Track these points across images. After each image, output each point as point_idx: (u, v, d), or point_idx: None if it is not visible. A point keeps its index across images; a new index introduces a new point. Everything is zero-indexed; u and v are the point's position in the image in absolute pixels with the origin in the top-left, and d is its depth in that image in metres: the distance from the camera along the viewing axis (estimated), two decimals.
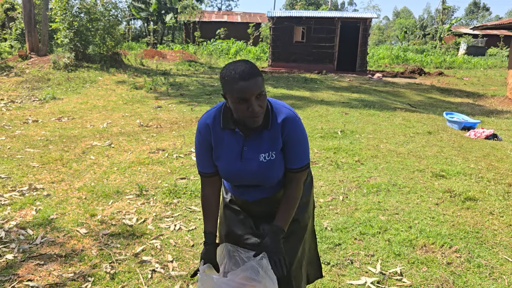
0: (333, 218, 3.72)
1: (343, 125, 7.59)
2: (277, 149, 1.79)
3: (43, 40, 15.60)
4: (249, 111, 1.65)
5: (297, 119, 1.80)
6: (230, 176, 1.86)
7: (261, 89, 1.66)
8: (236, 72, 1.64)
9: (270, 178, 1.82)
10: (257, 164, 1.78)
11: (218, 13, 32.87)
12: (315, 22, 19.69)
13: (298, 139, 1.79)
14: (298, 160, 1.80)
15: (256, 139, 1.79)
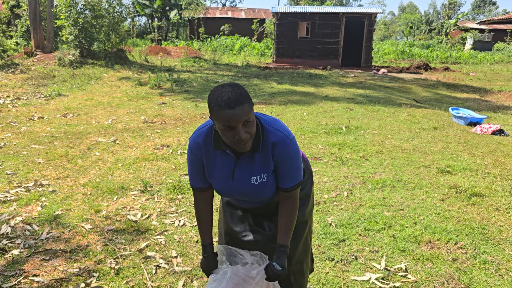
0: (338, 214, 3.70)
1: (348, 120, 7.56)
2: (268, 171, 1.77)
3: (48, 37, 15.64)
4: (235, 139, 1.62)
5: (288, 141, 1.75)
6: (224, 193, 1.88)
7: (247, 116, 1.61)
8: (222, 100, 1.59)
9: (262, 197, 1.84)
10: (249, 186, 1.79)
11: (222, 9, 32.81)
12: (320, 18, 19.62)
13: (289, 161, 1.77)
14: (291, 180, 1.79)
15: (247, 161, 1.77)
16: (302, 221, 1.98)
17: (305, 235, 2.01)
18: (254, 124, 1.66)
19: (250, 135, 1.65)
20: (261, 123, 1.76)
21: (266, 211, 1.94)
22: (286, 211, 1.82)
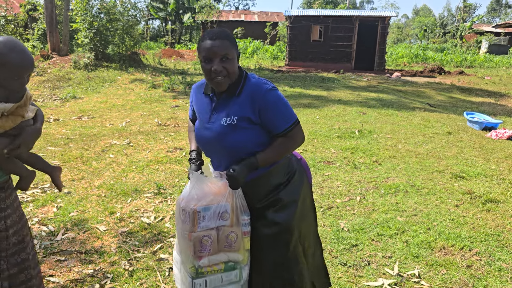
0: (350, 219, 3.69)
1: (361, 125, 7.53)
2: (240, 115, 1.81)
3: (64, 40, 15.88)
4: (212, 71, 1.75)
5: (267, 86, 1.82)
6: (199, 141, 1.97)
7: (226, 51, 1.74)
8: (207, 33, 1.78)
9: (230, 145, 1.83)
10: (218, 127, 1.84)
11: (235, 13, 32.93)
12: (333, 21, 19.57)
13: (273, 106, 1.81)
14: (281, 123, 1.82)
15: (224, 104, 1.86)
16: (285, 227, 1.90)
17: (290, 245, 1.91)
18: (232, 63, 1.78)
19: (227, 72, 1.77)
20: (246, 73, 1.88)
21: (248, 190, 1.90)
22: (279, 142, 1.86)
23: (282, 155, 1.89)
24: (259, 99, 1.79)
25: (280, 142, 1.85)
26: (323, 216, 3.76)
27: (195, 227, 1.83)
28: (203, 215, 1.83)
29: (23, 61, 1.58)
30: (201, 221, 1.83)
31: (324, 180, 4.73)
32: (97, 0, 14.62)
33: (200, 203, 1.83)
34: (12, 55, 1.54)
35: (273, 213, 1.90)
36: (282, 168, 1.95)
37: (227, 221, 1.86)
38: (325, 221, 3.66)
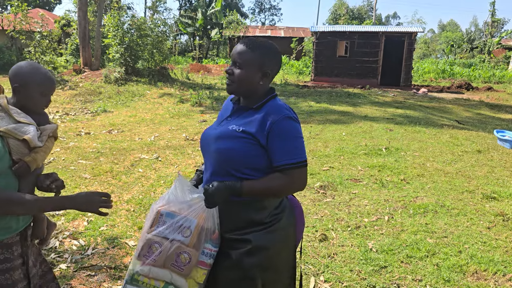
0: (378, 239, 3.66)
1: (388, 142, 7.46)
2: (248, 128, 1.71)
3: (96, 55, 16.38)
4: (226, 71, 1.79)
5: (286, 113, 1.72)
6: (202, 138, 1.90)
7: (240, 58, 1.74)
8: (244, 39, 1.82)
9: (222, 149, 1.73)
10: (222, 129, 1.78)
11: (262, 28, 33.30)
12: (359, 37, 19.56)
13: (285, 133, 1.69)
14: (283, 156, 1.68)
15: (240, 114, 1.81)
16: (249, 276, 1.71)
17: None
18: (243, 73, 1.74)
19: (234, 78, 1.76)
20: (275, 94, 1.83)
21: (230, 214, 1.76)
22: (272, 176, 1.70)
23: (272, 193, 1.72)
24: (272, 122, 1.69)
25: (276, 177, 1.69)
26: (351, 236, 3.74)
27: (151, 228, 1.72)
28: (164, 220, 1.71)
29: (47, 79, 1.74)
30: (160, 225, 1.71)
31: (351, 199, 4.70)
32: (128, 17, 15.06)
33: (167, 207, 1.72)
34: (37, 73, 1.71)
35: (237, 254, 1.72)
36: (270, 206, 1.76)
37: (187, 239, 1.69)
38: (352, 240, 3.63)
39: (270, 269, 1.76)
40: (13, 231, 1.63)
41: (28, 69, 1.70)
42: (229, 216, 1.74)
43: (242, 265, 1.70)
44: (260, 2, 59.55)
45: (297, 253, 1.95)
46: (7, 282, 1.58)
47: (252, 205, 1.73)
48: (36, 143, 1.67)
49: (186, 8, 42.63)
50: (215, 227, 1.71)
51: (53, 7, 47.95)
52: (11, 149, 1.60)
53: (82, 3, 15.29)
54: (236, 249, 1.72)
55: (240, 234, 1.73)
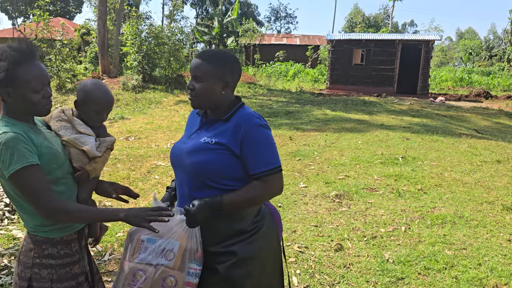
0: (395, 250, 3.62)
1: (404, 151, 7.39)
2: (220, 139, 1.71)
3: (114, 62, 16.65)
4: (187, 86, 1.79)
5: (257, 121, 1.72)
6: (172, 153, 1.86)
7: (198, 73, 1.73)
8: (201, 51, 1.81)
9: (197, 162, 1.71)
10: (194, 143, 1.76)
11: (277, 36, 33.44)
12: (375, 45, 19.49)
13: (257, 141, 1.70)
14: (258, 164, 1.69)
15: (209, 125, 1.80)
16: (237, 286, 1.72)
17: None
18: (204, 87, 1.73)
19: (196, 92, 1.74)
20: (242, 103, 1.82)
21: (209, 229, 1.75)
22: (250, 186, 1.71)
23: (253, 202, 1.74)
24: (244, 131, 1.69)
25: (254, 186, 1.70)
26: (367, 246, 3.71)
27: (133, 256, 1.70)
28: (146, 246, 1.69)
29: (103, 99, 1.85)
30: (142, 251, 1.69)
31: (367, 208, 4.67)
32: (146, 25, 15.28)
33: (148, 232, 1.69)
34: (97, 92, 1.84)
35: (224, 268, 1.72)
36: (250, 214, 1.78)
37: (171, 262, 1.67)
38: (368, 251, 3.61)
39: (260, 277, 1.79)
40: (73, 230, 1.74)
41: (88, 87, 1.83)
42: (210, 230, 1.74)
43: (230, 278, 1.71)
44: (276, 11, 59.87)
45: None
46: (67, 276, 1.70)
47: (232, 216, 1.74)
48: (94, 154, 1.79)
49: (203, 17, 43.13)
50: (198, 245, 1.70)
51: (73, 16, 48.98)
52: (71, 157, 1.75)
53: (102, 12, 15.58)
54: (222, 263, 1.72)
55: (224, 247, 1.73)
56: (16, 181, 1.51)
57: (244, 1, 51.37)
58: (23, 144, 1.51)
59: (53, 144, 1.68)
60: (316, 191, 5.27)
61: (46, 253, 1.67)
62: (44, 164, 1.58)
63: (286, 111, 12.48)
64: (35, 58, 1.60)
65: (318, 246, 3.72)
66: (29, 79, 1.55)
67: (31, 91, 1.56)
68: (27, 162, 1.49)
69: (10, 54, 1.53)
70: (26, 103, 1.58)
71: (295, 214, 4.48)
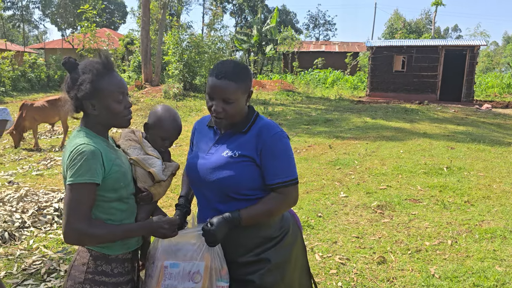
0: (441, 265, 3.51)
1: (449, 160, 7.16)
2: (243, 150, 1.70)
3: (157, 71, 17.14)
4: (212, 109, 1.69)
5: (277, 130, 1.72)
6: (189, 171, 1.82)
7: (228, 95, 1.65)
8: (217, 68, 1.69)
9: (223, 178, 1.69)
10: (217, 158, 1.72)
11: (316, 43, 33.33)
12: (417, 51, 19.06)
13: (274, 152, 1.69)
14: (278, 175, 1.68)
15: (228, 139, 1.76)
16: None
17: None
18: (235, 107, 1.68)
19: (227, 114, 1.68)
20: (257, 113, 1.79)
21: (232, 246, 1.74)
22: (268, 199, 1.69)
23: (270, 214, 1.72)
24: (264, 140, 1.69)
25: (270, 198, 1.70)
26: (411, 260, 3.61)
27: (158, 285, 1.64)
28: (170, 271, 1.64)
29: (174, 127, 1.89)
30: (167, 278, 1.64)
31: (410, 220, 4.55)
32: (187, 35, 15.65)
33: (170, 257, 1.65)
34: (167, 120, 1.87)
35: (263, 276, 1.71)
36: (277, 221, 1.79)
37: (198, 284, 1.63)
38: (413, 265, 3.51)
39: (292, 279, 1.80)
40: (128, 248, 1.71)
41: (159, 113, 1.88)
42: (237, 240, 1.73)
43: (265, 286, 1.71)
44: (315, 18, 59.69)
45: None
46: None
47: (260, 225, 1.74)
48: (160, 177, 1.78)
49: (242, 25, 43.63)
50: (222, 262, 1.68)
51: (117, 27, 50.88)
52: (137, 177, 1.75)
53: (145, 23, 16.09)
54: (255, 272, 1.71)
55: (255, 255, 1.73)
56: (70, 191, 1.50)
57: (283, 9, 51.58)
58: (96, 161, 1.52)
59: (124, 163, 1.69)
60: (357, 201, 5.19)
61: (100, 270, 1.63)
62: (112, 182, 1.59)
63: (325, 118, 12.38)
64: (114, 70, 1.64)
65: (360, 258, 3.66)
66: (112, 90, 1.59)
67: (114, 101, 1.60)
68: (89, 179, 1.50)
69: (93, 67, 1.58)
70: (109, 114, 1.61)
71: (335, 225, 4.43)
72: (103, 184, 1.56)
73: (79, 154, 1.50)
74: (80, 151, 1.51)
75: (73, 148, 1.52)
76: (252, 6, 41.69)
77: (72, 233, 1.51)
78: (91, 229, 1.51)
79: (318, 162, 7.15)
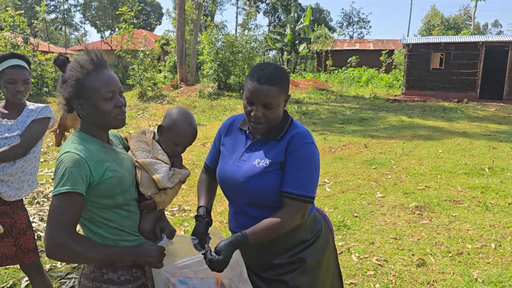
0: (485, 269, 3.39)
1: (491, 161, 6.91)
2: (274, 159, 1.65)
3: (192, 71, 17.39)
4: (251, 115, 1.62)
5: (308, 142, 1.66)
6: (220, 178, 1.77)
7: (270, 100, 1.58)
8: (257, 72, 1.60)
9: (255, 189, 1.65)
10: (248, 167, 1.67)
11: (350, 41, 32.86)
12: (456, 48, 18.46)
13: (304, 159, 1.63)
14: (294, 184, 1.61)
15: (260, 145, 1.71)
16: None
17: None
18: (276, 112, 1.62)
19: (267, 120, 1.62)
20: (291, 119, 1.74)
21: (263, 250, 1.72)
22: (276, 215, 1.60)
23: (276, 232, 1.61)
24: (292, 147, 1.64)
25: (276, 216, 1.60)
26: (452, 263, 3.52)
27: None
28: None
29: (188, 132, 1.74)
30: None
31: (451, 222, 4.43)
32: (222, 34, 15.80)
33: (179, 273, 1.57)
34: (181, 123, 1.73)
35: (296, 277, 1.69)
36: (309, 223, 1.76)
37: None
38: (454, 268, 3.42)
39: (325, 281, 1.78)
40: None
41: (174, 116, 1.74)
42: (271, 243, 1.70)
43: (300, 285, 1.69)
44: (348, 16, 58.88)
45: None
46: None
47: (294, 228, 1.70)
48: (164, 184, 1.65)
49: (275, 24, 43.58)
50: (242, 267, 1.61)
51: (154, 28, 51.94)
52: (141, 181, 1.62)
53: (181, 23, 16.35)
54: (289, 273, 1.70)
55: (289, 257, 1.72)
56: (52, 203, 1.41)
57: (316, 8, 51.15)
58: (80, 169, 1.41)
59: (122, 168, 1.57)
60: (394, 201, 5.09)
61: (106, 278, 1.57)
62: (106, 188, 1.48)
63: (359, 117, 12.21)
64: (104, 67, 1.53)
65: (398, 260, 3.59)
66: (98, 87, 1.48)
67: (101, 99, 1.48)
68: (72, 188, 1.38)
69: (78, 65, 1.49)
70: (98, 114, 1.51)
71: (372, 225, 4.36)
72: (96, 191, 1.46)
73: (60, 163, 1.42)
74: (62, 160, 1.42)
75: (58, 157, 1.46)
76: (286, 5, 41.56)
77: (53, 247, 1.38)
78: (73, 243, 1.39)
79: (353, 161, 7.06)
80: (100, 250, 1.48)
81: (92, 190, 1.46)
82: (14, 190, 2.39)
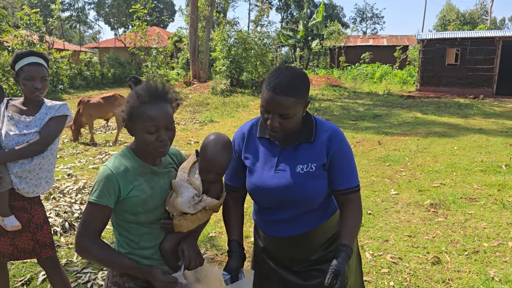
0: (502, 267, 3.34)
1: (509, 158, 6.80)
2: (318, 162, 1.64)
3: (204, 68, 17.44)
4: (268, 123, 1.59)
5: (343, 135, 1.70)
6: (260, 191, 1.70)
7: (286, 110, 1.54)
8: (273, 81, 1.55)
9: (307, 196, 1.64)
10: (292, 175, 1.64)
11: (363, 37, 32.58)
12: (472, 43, 18.17)
13: (346, 156, 1.68)
14: (350, 179, 1.67)
15: (293, 151, 1.67)
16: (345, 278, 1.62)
17: None
18: (293, 121, 1.59)
19: (283, 128, 1.58)
20: (314, 118, 1.71)
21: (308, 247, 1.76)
22: (351, 212, 1.66)
23: (359, 225, 1.70)
24: (336, 144, 1.66)
25: (352, 212, 1.66)
26: (468, 261, 3.47)
27: None
28: None
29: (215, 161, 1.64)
30: None
31: (466, 220, 4.37)
32: (234, 31, 15.81)
33: None
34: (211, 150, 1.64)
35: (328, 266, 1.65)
36: (335, 221, 1.81)
37: None
38: (470, 266, 3.38)
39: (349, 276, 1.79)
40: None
41: (207, 141, 1.68)
42: (311, 242, 1.76)
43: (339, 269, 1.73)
44: (362, 11, 58.31)
45: None
46: None
47: (329, 225, 1.77)
48: (182, 209, 1.62)
49: (288, 21, 43.43)
50: None
51: (166, 25, 52.14)
52: (168, 200, 1.65)
53: (193, 20, 16.39)
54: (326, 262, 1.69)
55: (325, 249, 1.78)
56: (85, 207, 1.58)
57: (329, 3, 50.79)
58: (109, 184, 1.54)
59: (152, 189, 1.62)
60: (409, 199, 5.05)
61: (115, 280, 1.68)
62: (130, 205, 1.58)
63: (373, 114, 12.11)
64: (161, 100, 1.58)
65: (412, 257, 3.56)
66: (145, 119, 1.53)
67: (145, 131, 1.54)
68: (97, 201, 1.54)
69: (136, 94, 1.57)
70: (141, 142, 1.59)
71: (386, 223, 4.33)
72: (122, 205, 1.58)
73: (97, 175, 1.58)
74: (98, 172, 1.58)
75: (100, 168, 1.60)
76: (298, 1, 41.35)
77: (76, 247, 1.58)
78: (91, 248, 1.55)
79: (367, 158, 7.01)
80: (115, 261, 1.59)
81: (119, 204, 1.58)
82: (32, 186, 2.43)
